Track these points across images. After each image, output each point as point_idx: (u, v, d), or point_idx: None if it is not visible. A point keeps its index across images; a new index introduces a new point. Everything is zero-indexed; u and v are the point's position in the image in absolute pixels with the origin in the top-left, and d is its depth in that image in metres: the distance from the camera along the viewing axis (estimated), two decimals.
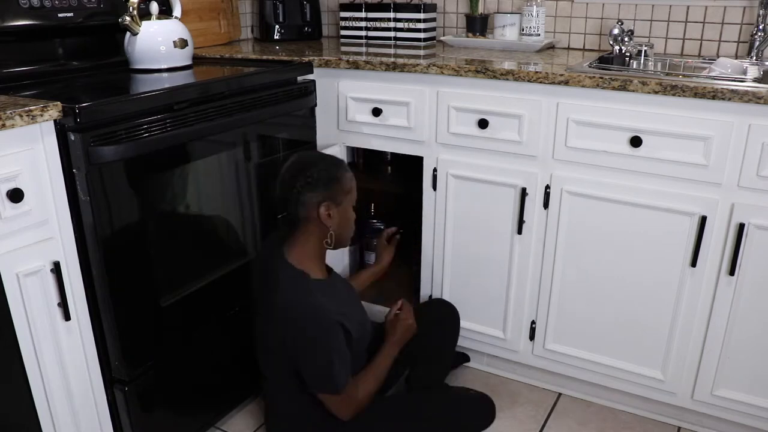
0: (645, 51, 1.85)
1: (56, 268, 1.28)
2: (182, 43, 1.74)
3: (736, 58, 1.82)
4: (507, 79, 1.63)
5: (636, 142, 1.52)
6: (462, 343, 1.96)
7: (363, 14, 2.29)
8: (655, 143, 1.51)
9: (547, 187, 1.67)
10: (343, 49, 2.12)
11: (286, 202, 1.45)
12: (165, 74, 1.68)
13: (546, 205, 1.69)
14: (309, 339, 1.39)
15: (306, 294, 1.42)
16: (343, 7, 2.34)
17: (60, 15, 1.63)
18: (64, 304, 1.30)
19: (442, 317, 1.84)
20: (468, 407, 1.66)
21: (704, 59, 1.87)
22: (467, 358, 2.01)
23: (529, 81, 1.60)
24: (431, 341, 1.75)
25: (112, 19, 1.71)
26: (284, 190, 1.45)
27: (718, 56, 1.88)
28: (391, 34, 2.26)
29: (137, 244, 1.41)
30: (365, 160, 2.26)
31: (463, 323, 1.93)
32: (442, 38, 2.21)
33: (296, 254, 1.47)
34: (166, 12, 1.78)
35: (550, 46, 2.09)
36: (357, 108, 1.87)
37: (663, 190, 1.53)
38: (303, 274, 1.44)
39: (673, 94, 1.45)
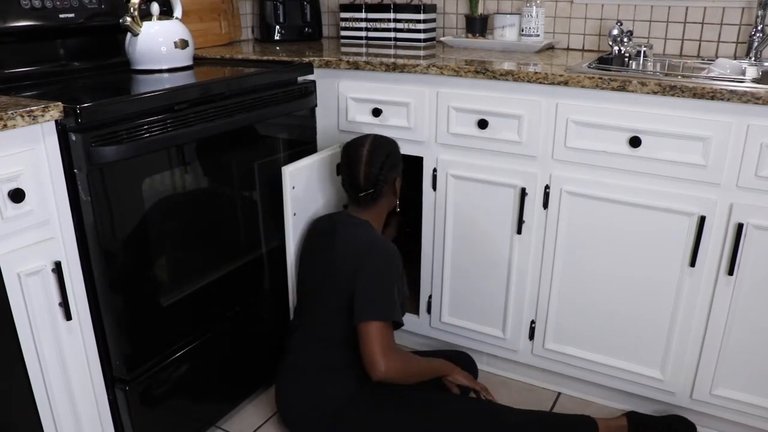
0: (644, 52, 1.85)
1: (57, 268, 1.28)
2: (183, 44, 1.75)
3: (735, 59, 1.83)
4: (507, 80, 1.64)
5: (635, 142, 1.52)
6: (462, 342, 1.97)
7: (363, 15, 2.30)
8: (654, 143, 1.51)
9: (547, 187, 1.68)
10: (344, 49, 2.13)
11: (376, 181, 1.63)
12: (166, 75, 1.69)
13: (545, 205, 1.69)
14: (377, 265, 1.55)
15: (377, 235, 1.66)
16: (344, 8, 2.34)
17: (61, 16, 1.64)
18: (65, 304, 1.31)
19: (461, 367, 1.85)
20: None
21: (703, 60, 1.88)
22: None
23: (528, 81, 1.61)
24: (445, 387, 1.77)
25: (113, 20, 1.71)
26: (373, 170, 1.62)
27: (716, 57, 1.88)
28: (391, 34, 2.27)
29: (138, 244, 1.42)
30: None
31: (463, 323, 1.94)
32: (441, 39, 2.22)
33: (372, 218, 1.68)
34: (166, 13, 1.79)
35: (550, 47, 2.09)
36: (357, 108, 1.88)
37: (662, 190, 1.54)
38: (368, 223, 1.67)
39: (672, 95, 1.46)
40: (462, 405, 1.62)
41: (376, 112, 1.84)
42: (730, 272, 1.51)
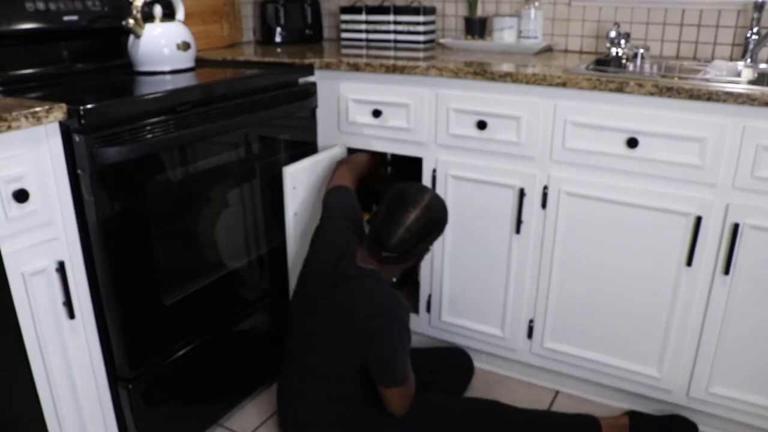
0: (641, 53, 1.87)
1: (61, 268, 1.29)
2: (185, 46, 1.76)
3: (731, 61, 1.84)
4: (505, 81, 1.65)
5: (632, 143, 1.54)
6: (461, 341, 1.98)
7: (363, 17, 2.31)
8: (651, 144, 1.53)
9: (545, 187, 1.69)
10: (344, 51, 2.14)
11: (407, 252, 1.45)
12: (168, 76, 1.70)
13: (544, 205, 1.71)
14: (391, 332, 1.45)
15: (387, 289, 1.50)
16: (344, 11, 2.36)
17: (65, 18, 1.65)
18: (68, 303, 1.32)
19: (457, 363, 1.89)
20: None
21: (699, 62, 1.89)
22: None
23: (527, 83, 1.62)
24: (443, 386, 1.78)
25: (116, 22, 1.72)
26: (409, 240, 1.44)
27: (713, 59, 1.90)
28: (391, 36, 2.28)
29: (141, 244, 1.43)
30: None
31: (462, 322, 1.95)
32: (441, 41, 2.24)
33: (381, 273, 1.52)
34: (169, 15, 1.80)
35: (548, 49, 2.11)
36: (357, 110, 1.89)
37: (659, 191, 1.55)
38: (375, 273, 1.50)
39: (669, 96, 1.47)
40: (468, 405, 1.63)
41: (376, 114, 1.85)
42: (726, 272, 1.52)
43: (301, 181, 1.79)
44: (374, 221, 1.49)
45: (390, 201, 1.48)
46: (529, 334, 1.86)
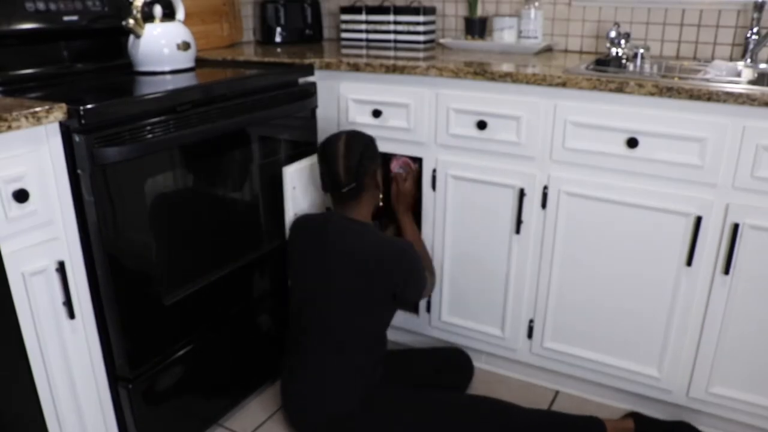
0: (641, 53, 1.87)
1: (61, 268, 1.29)
2: (185, 46, 1.76)
3: (731, 61, 1.84)
4: (505, 81, 1.65)
5: (632, 143, 1.54)
6: (461, 341, 1.98)
7: (363, 17, 2.31)
8: (651, 144, 1.53)
9: (545, 187, 1.69)
10: (344, 51, 2.14)
11: (357, 174, 1.63)
12: (168, 76, 1.70)
13: (544, 205, 1.71)
14: (410, 267, 1.64)
15: (381, 235, 1.70)
16: (344, 11, 2.36)
17: (65, 18, 1.65)
18: (68, 303, 1.32)
19: (457, 364, 1.90)
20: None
21: (699, 62, 1.89)
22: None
23: (527, 83, 1.62)
24: (443, 385, 1.80)
25: (116, 22, 1.73)
26: (352, 163, 1.63)
27: (713, 59, 1.90)
28: (391, 36, 2.28)
29: (141, 244, 1.43)
30: None
31: (462, 322, 1.95)
32: (441, 41, 2.24)
33: (362, 215, 1.69)
34: (169, 15, 1.80)
35: (548, 49, 2.11)
36: (357, 110, 1.89)
37: (659, 191, 1.55)
38: (368, 223, 1.69)
39: (669, 96, 1.47)
40: (472, 404, 1.63)
41: (376, 114, 1.85)
42: (726, 272, 1.52)
43: (301, 181, 1.79)
44: (323, 178, 1.69)
45: (321, 152, 1.69)
46: (529, 334, 1.86)
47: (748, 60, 1.82)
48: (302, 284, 1.71)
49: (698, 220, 1.52)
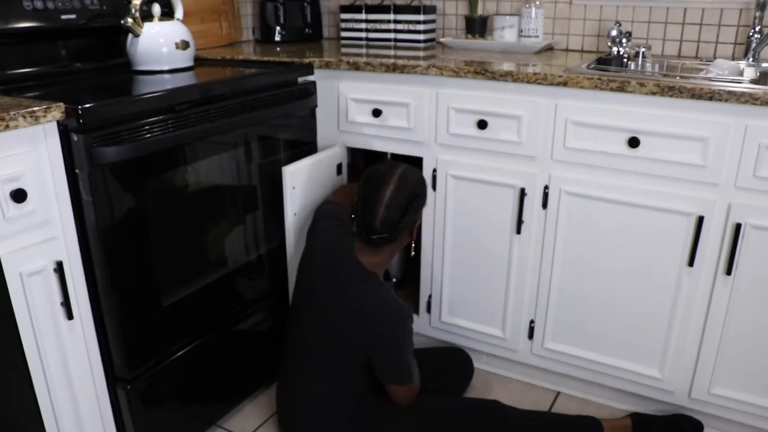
0: (642, 52, 1.86)
1: (59, 268, 1.29)
2: (184, 45, 1.75)
3: (733, 60, 1.83)
4: (506, 81, 1.64)
5: (634, 142, 1.53)
6: (461, 341, 1.98)
7: (363, 16, 2.30)
8: (652, 144, 1.52)
9: (546, 187, 1.68)
10: (344, 50, 2.14)
11: (393, 228, 1.47)
12: (167, 75, 1.70)
13: (545, 205, 1.70)
14: (395, 335, 1.48)
15: (389, 294, 1.52)
16: (344, 9, 2.35)
17: (63, 17, 1.64)
18: (66, 304, 1.31)
19: (456, 363, 1.88)
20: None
21: (701, 61, 1.89)
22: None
23: (528, 82, 1.62)
24: (443, 385, 1.78)
25: (114, 21, 1.72)
26: (392, 216, 1.46)
27: (715, 58, 1.89)
28: (391, 35, 2.28)
29: (139, 244, 1.43)
30: (365, 161, 2.27)
31: (462, 322, 1.94)
32: (441, 40, 2.23)
33: (373, 263, 1.52)
34: (167, 14, 1.79)
35: (549, 48, 2.10)
36: (357, 109, 1.88)
37: (660, 191, 1.55)
38: (377, 276, 1.52)
39: (671, 96, 1.46)
40: (468, 406, 1.62)
41: (376, 113, 1.85)
42: (728, 272, 1.52)
43: (300, 181, 1.78)
44: (356, 210, 1.51)
45: (365, 185, 1.50)
46: (530, 335, 1.85)
47: (751, 59, 1.81)
48: (299, 289, 1.64)
49: (700, 220, 1.51)
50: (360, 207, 1.49)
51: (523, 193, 1.71)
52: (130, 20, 1.67)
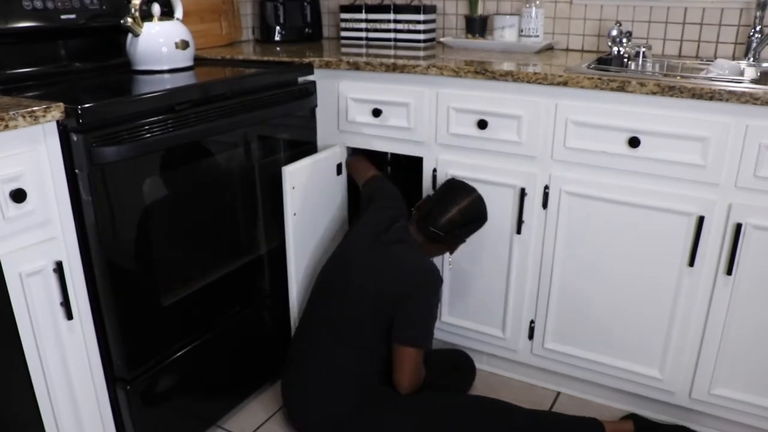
0: (643, 52, 1.86)
1: (59, 268, 1.28)
2: (183, 45, 1.75)
3: (734, 60, 1.83)
4: (506, 80, 1.64)
5: (634, 142, 1.53)
6: (461, 342, 1.97)
7: (363, 16, 2.30)
8: (653, 144, 1.52)
9: (546, 187, 1.68)
10: (344, 50, 2.14)
11: (450, 231, 1.62)
12: (166, 75, 1.69)
13: (545, 205, 1.70)
14: (426, 294, 1.59)
15: (430, 261, 1.67)
16: (344, 9, 2.35)
17: (63, 17, 1.64)
18: (66, 304, 1.31)
19: (458, 365, 1.88)
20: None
21: (702, 60, 1.88)
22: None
23: (528, 82, 1.61)
24: (444, 387, 1.78)
25: (114, 21, 1.72)
26: (457, 221, 1.62)
27: (715, 57, 1.89)
28: (391, 35, 2.27)
29: (139, 244, 1.42)
30: None
31: (462, 322, 1.94)
32: (441, 39, 2.23)
33: (422, 248, 1.66)
34: (167, 13, 1.79)
35: (549, 48, 2.10)
36: (357, 109, 1.88)
37: (661, 191, 1.54)
38: (422, 249, 1.67)
39: (671, 95, 1.46)
40: (475, 404, 1.62)
41: (376, 113, 1.84)
42: (729, 272, 1.52)
43: (300, 181, 1.78)
44: (428, 201, 1.66)
45: (445, 187, 1.68)
46: (531, 335, 1.85)
47: (751, 59, 1.81)
48: (326, 271, 1.71)
49: (700, 220, 1.51)
50: (434, 201, 1.65)
51: (523, 193, 1.71)
52: (129, 20, 1.67)
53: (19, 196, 1.19)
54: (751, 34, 1.81)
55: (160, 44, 1.71)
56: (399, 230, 1.65)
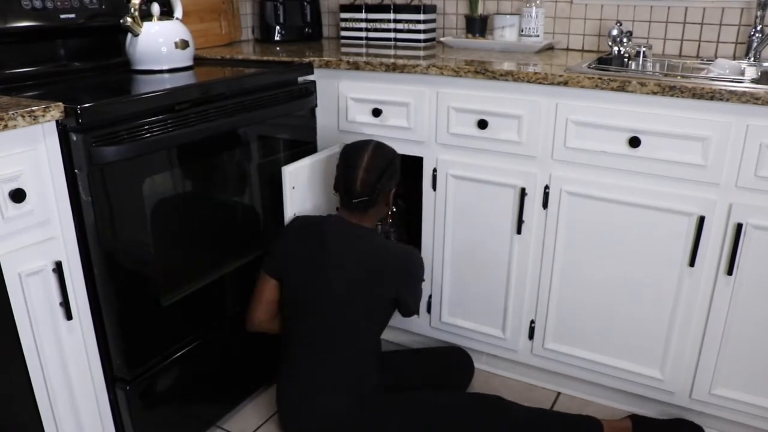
0: (643, 52, 1.86)
1: (58, 268, 1.28)
2: (183, 44, 1.75)
3: (734, 59, 1.83)
4: (506, 80, 1.64)
5: (634, 142, 1.53)
6: (461, 342, 1.97)
7: (363, 15, 2.30)
8: (653, 144, 1.51)
9: (546, 187, 1.68)
10: (344, 50, 2.13)
11: (372, 190, 1.61)
12: (166, 75, 1.69)
13: (545, 205, 1.70)
14: (418, 273, 1.69)
15: (390, 242, 1.74)
16: (344, 9, 2.35)
17: (62, 16, 1.64)
18: (66, 304, 1.31)
19: (457, 363, 1.89)
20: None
21: (702, 60, 1.88)
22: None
23: (528, 82, 1.61)
24: (443, 385, 1.81)
25: (113, 20, 1.71)
26: (370, 178, 1.60)
27: (716, 57, 1.89)
28: (391, 35, 2.27)
29: (139, 244, 1.42)
30: None
31: (462, 323, 1.94)
32: (441, 39, 2.22)
33: (364, 224, 1.66)
34: (167, 13, 1.79)
35: (549, 47, 2.10)
36: (357, 108, 1.88)
37: (661, 191, 1.54)
38: (373, 230, 1.69)
39: (672, 95, 1.46)
40: (473, 403, 1.62)
41: (376, 113, 1.84)
42: (730, 272, 1.51)
43: (300, 181, 1.77)
44: (338, 181, 1.65)
45: (343, 156, 1.65)
46: (531, 335, 1.85)
47: (752, 58, 1.81)
48: (296, 286, 1.64)
49: (701, 220, 1.51)
50: (341, 175, 1.63)
51: (523, 193, 1.70)
52: (129, 19, 1.67)
53: (18, 196, 1.19)
54: (752, 33, 1.81)
55: (159, 44, 1.71)
56: (333, 223, 1.64)
